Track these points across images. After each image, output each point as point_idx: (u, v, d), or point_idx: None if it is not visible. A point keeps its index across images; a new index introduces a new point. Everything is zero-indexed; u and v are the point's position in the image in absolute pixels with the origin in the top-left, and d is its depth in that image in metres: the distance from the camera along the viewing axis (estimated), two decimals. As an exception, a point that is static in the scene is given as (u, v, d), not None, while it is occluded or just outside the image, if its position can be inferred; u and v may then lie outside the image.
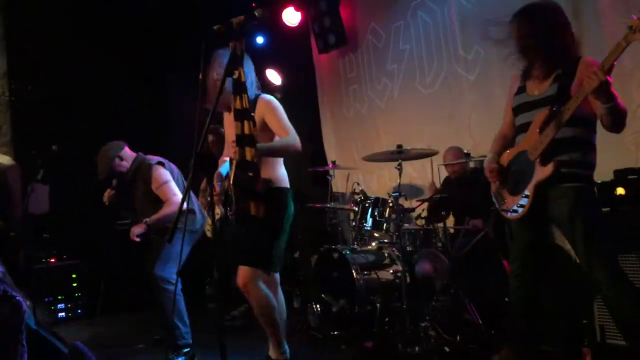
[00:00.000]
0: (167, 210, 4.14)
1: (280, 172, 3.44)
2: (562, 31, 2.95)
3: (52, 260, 5.99)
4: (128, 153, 4.39)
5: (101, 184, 4.44)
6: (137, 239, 4.13)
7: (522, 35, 2.94)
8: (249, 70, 3.38)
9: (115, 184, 4.37)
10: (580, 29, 4.32)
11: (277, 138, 3.34)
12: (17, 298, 2.59)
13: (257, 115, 3.32)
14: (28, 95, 6.33)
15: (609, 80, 2.58)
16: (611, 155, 3.80)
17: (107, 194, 4.38)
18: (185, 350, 4.09)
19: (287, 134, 3.27)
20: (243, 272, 3.30)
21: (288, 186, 3.46)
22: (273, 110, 3.34)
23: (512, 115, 3.17)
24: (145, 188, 4.26)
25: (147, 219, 4.12)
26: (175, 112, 7.34)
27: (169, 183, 4.22)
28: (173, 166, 4.41)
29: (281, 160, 3.48)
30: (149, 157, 4.39)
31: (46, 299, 5.76)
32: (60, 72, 6.35)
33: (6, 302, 2.55)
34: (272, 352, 3.44)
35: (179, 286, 4.13)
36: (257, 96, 3.41)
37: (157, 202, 4.20)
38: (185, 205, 2.84)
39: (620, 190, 3.39)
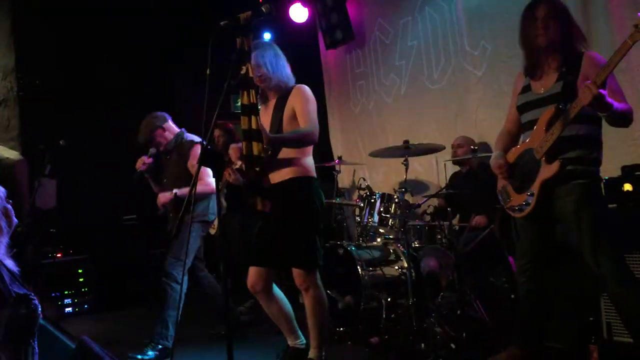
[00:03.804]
0: (199, 188, 4.12)
1: (307, 162, 3.39)
2: (574, 25, 2.96)
3: (59, 255, 6.01)
4: (172, 126, 4.45)
5: (106, 179, 4.46)
6: (162, 208, 4.17)
7: (550, 17, 2.89)
8: (280, 59, 3.44)
9: (152, 153, 4.38)
10: (588, 24, 4.30)
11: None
12: (34, 301, 2.62)
13: (289, 104, 3.33)
14: (36, 90, 6.36)
15: (603, 93, 2.58)
16: (619, 151, 3.80)
17: (141, 160, 4.34)
18: (160, 347, 4.04)
19: (306, 124, 3.26)
20: (301, 275, 3.27)
21: (314, 175, 3.42)
22: (302, 99, 3.34)
23: (517, 113, 3.16)
24: (179, 163, 4.29)
25: (177, 190, 4.14)
26: (182, 108, 7.34)
27: None
28: None
29: (309, 150, 3.43)
30: (192, 135, 4.43)
31: (53, 294, 5.78)
32: (68, 67, 6.38)
33: (23, 304, 2.58)
34: (312, 353, 3.37)
35: (184, 288, 4.09)
36: (292, 86, 3.43)
37: (187, 179, 4.18)
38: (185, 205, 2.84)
39: (628, 187, 3.37)
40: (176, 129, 4.46)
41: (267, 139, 3.13)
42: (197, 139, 4.36)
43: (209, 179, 4.18)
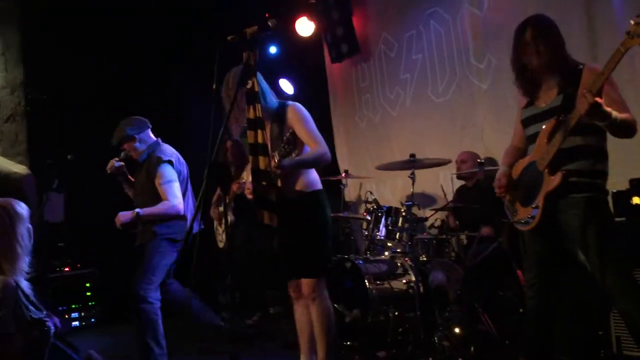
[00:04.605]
0: (163, 208, 3.99)
1: (312, 175, 3.40)
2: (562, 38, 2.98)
3: (67, 269, 6.01)
4: (147, 136, 4.27)
5: (114, 193, 4.46)
6: (121, 227, 3.99)
7: (539, 37, 2.92)
8: (266, 85, 3.40)
9: (123, 157, 4.27)
10: (594, 38, 4.31)
11: (306, 148, 3.31)
12: (47, 323, 2.65)
13: (288, 126, 3.29)
14: (44, 105, 6.40)
15: (599, 101, 2.58)
16: (627, 163, 3.77)
17: (112, 163, 4.24)
18: None
19: (317, 144, 3.24)
20: (308, 284, 3.29)
21: (321, 187, 3.43)
22: (302, 120, 3.30)
23: (522, 128, 3.17)
24: (147, 179, 4.13)
25: (139, 210, 3.96)
26: (190, 121, 7.38)
27: (173, 183, 4.06)
28: (184, 164, 4.29)
29: None
30: (164, 148, 4.26)
31: (60, 308, 5.78)
32: (75, 82, 6.41)
33: (37, 327, 2.61)
34: None
35: (158, 304, 3.99)
36: (284, 104, 3.38)
37: (155, 197, 4.05)
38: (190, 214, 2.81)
39: (637, 200, 3.35)
40: (151, 140, 4.27)
41: (290, 169, 3.17)
42: (165, 155, 4.17)
43: (175, 199, 4.03)
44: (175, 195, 4.05)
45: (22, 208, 2.83)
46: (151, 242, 4.05)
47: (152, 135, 4.30)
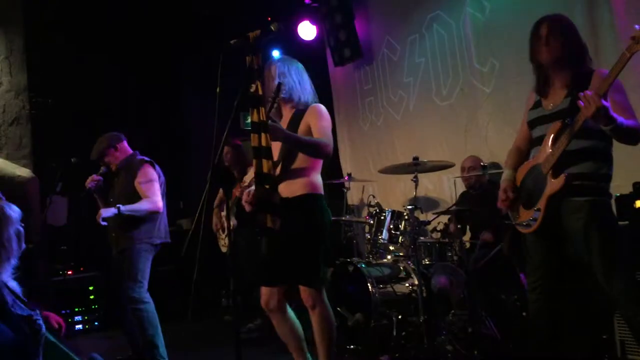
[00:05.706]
0: (144, 205, 4.09)
1: (316, 179, 3.39)
2: (580, 41, 2.97)
3: (70, 272, 6.02)
4: (125, 147, 4.40)
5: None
6: (103, 223, 4.05)
7: (553, 35, 2.92)
8: (305, 75, 3.48)
9: (102, 171, 4.35)
10: (596, 42, 4.29)
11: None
12: (38, 321, 2.65)
13: (304, 121, 3.34)
14: (48, 108, 6.42)
15: (605, 105, 2.57)
16: (630, 167, 3.76)
17: (91, 178, 4.29)
18: None
19: (322, 137, 3.27)
20: (309, 293, 3.25)
21: (322, 193, 3.41)
22: (317, 115, 3.35)
23: (528, 129, 3.16)
24: (127, 181, 4.22)
25: (121, 205, 4.04)
26: (192, 125, 7.39)
27: (154, 182, 4.18)
28: (161, 173, 4.37)
29: (319, 167, 3.42)
30: (143, 156, 4.38)
31: (63, 311, 5.78)
32: (79, 86, 6.44)
33: (27, 324, 2.60)
34: None
35: (153, 304, 4.09)
36: (309, 104, 3.44)
37: (135, 197, 4.14)
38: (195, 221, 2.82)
39: (640, 204, 3.35)
40: (129, 151, 4.40)
41: (283, 135, 3.15)
42: (147, 159, 4.32)
43: (155, 197, 4.13)
44: (155, 193, 4.15)
45: (13, 210, 2.81)
46: (131, 247, 4.12)
47: (127, 146, 4.44)
